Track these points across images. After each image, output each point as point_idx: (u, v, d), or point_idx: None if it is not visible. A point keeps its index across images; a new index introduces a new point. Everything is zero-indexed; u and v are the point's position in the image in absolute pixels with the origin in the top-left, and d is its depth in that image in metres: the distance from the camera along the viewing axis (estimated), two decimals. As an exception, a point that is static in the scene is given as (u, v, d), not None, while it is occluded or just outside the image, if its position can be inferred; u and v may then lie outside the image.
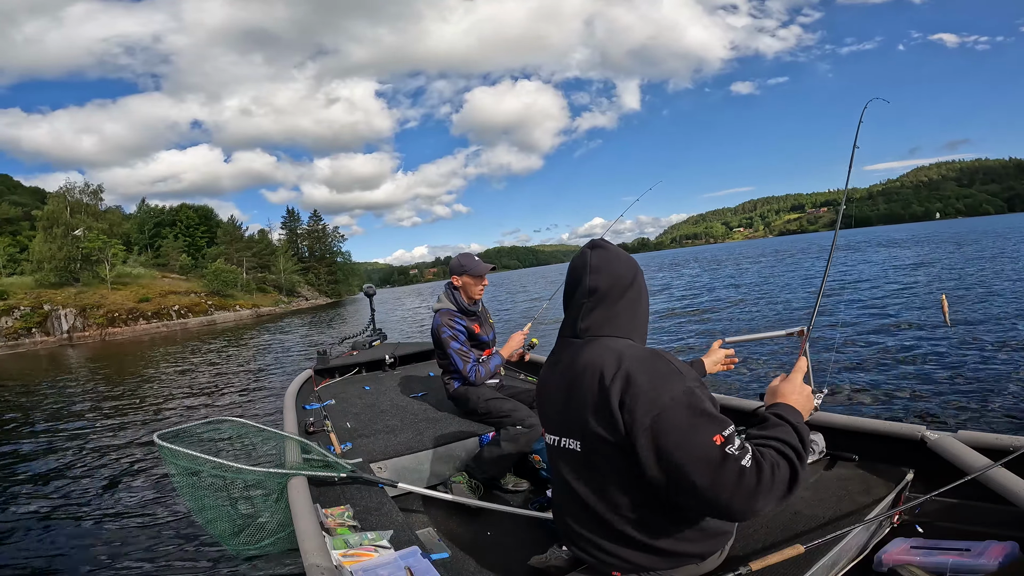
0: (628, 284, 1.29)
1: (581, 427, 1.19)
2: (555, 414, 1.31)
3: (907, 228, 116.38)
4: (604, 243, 1.34)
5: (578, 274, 1.30)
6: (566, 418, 1.25)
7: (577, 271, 1.31)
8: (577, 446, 1.21)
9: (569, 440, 1.23)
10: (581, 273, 1.29)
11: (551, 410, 1.33)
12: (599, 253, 1.30)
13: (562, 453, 1.27)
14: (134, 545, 3.53)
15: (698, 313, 13.00)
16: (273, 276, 64.89)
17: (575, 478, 1.24)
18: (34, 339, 36.40)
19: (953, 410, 4.51)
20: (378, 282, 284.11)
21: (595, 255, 1.30)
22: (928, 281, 12.94)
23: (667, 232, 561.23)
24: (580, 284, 1.29)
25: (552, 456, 1.34)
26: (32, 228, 49.28)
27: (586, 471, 1.22)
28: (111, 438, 6.67)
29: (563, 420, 1.26)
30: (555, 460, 1.32)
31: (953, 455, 1.66)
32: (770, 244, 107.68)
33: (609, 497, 1.19)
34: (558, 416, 1.29)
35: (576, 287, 1.30)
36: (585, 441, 1.19)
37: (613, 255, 1.30)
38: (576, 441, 1.21)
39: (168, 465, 2.09)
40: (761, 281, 20.03)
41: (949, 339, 6.94)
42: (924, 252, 24.38)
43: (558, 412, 1.29)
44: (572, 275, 1.33)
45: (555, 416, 1.31)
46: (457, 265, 3.08)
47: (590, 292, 1.27)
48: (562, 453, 1.27)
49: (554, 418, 1.31)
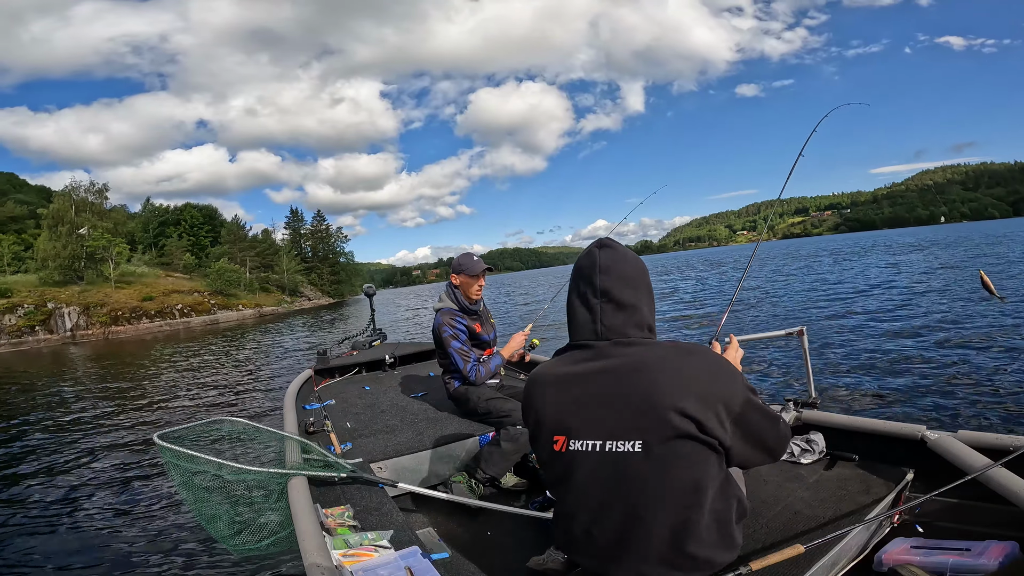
0: (640, 283, 1.28)
1: (648, 426, 1.14)
2: (595, 419, 1.20)
3: (911, 232, 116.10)
4: (612, 242, 1.31)
5: (587, 274, 1.27)
6: (619, 420, 1.17)
7: (586, 271, 1.27)
8: (636, 446, 1.14)
9: (621, 443, 1.16)
10: (591, 273, 1.26)
11: (585, 415, 1.21)
12: (608, 253, 1.27)
13: (608, 458, 1.18)
14: (134, 545, 3.54)
15: (695, 317, 12.99)
16: (276, 276, 65.06)
17: (623, 480, 1.17)
18: (37, 337, 36.50)
19: (953, 410, 4.50)
20: (381, 283, 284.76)
21: (604, 255, 1.27)
22: (929, 281, 12.89)
23: (670, 234, 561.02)
24: (592, 285, 1.25)
25: (580, 463, 1.21)
26: (37, 226, 49.46)
27: (645, 469, 1.15)
28: (111, 438, 6.70)
29: (615, 423, 1.17)
30: (587, 467, 1.20)
31: (953, 455, 1.66)
32: (775, 247, 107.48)
33: (664, 496, 1.15)
34: (603, 420, 1.19)
35: (587, 288, 1.26)
36: (650, 438, 1.14)
37: (621, 255, 1.28)
38: (635, 442, 1.15)
39: (168, 465, 2.09)
40: (759, 284, 20.00)
41: (949, 339, 6.92)
42: (926, 255, 24.30)
43: (601, 416, 1.19)
44: (581, 275, 1.29)
45: (594, 421, 1.20)
46: (456, 264, 3.10)
47: (603, 293, 1.24)
48: (608, 458, 1.18)
49: (593, 423, 1.20)
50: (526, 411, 1.35)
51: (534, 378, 1.34)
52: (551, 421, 1.25)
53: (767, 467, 2.00)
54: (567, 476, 1.24)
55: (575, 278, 1.31)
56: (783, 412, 2.21)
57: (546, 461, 1.29)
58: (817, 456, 2.01)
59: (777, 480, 1.88)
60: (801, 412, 2.21)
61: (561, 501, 1.29)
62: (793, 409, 2.22)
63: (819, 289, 14.39)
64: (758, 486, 1.83)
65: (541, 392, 1.29)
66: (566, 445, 1.22)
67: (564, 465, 1.23)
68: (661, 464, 1.14)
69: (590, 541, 1.23)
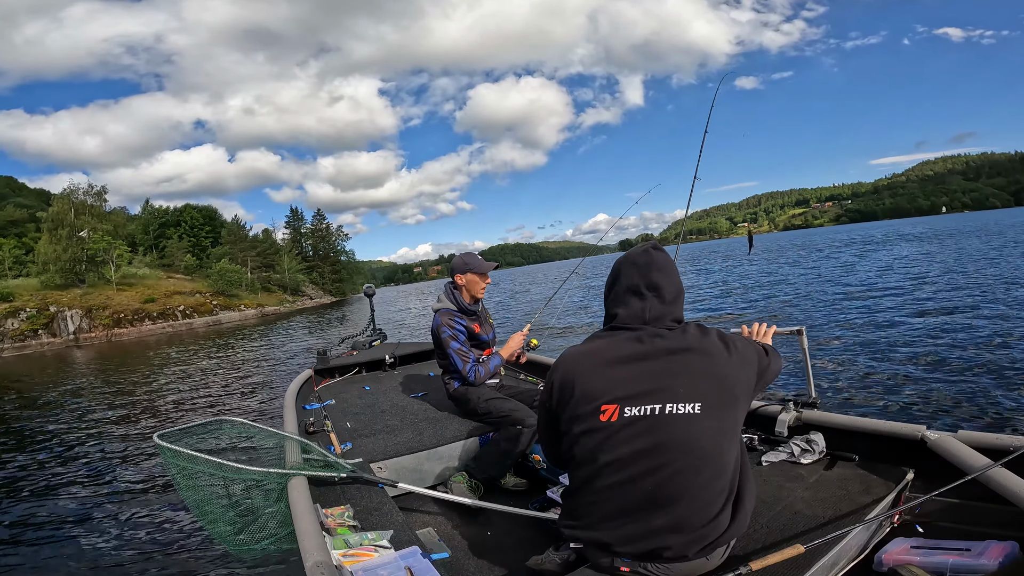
0: (679, 285, 1.50)
1: (705, 391, 1.33)
2: (651, 389, 1.35)
3: (912, 222, 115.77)
4: (661, 247, 1.53)
5: (645, 271, 1.46)
6: (676, 385, 1.34)
7: (643, 268, 1.46)
8: (696, 408, 1.32)
9: (683, 405, 1.32)
10: (648, 271, 1.45)
11: (640, 386, 1.35)
12: (661, 255, 1.49)
13: (664, 420, 1.32)
14: (135, 545, 3.56)
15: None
16: (277, 275, 65.09)
17: (684, 439, 1.32)
18: (40, 340, 36.59)
19: (953, 410, 4.49)
20: (382, 280, 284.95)
21: (659, 256, 1.48)
22: (929, 281, 12.84)
23: (671, 228, 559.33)
24: (647, 279, 1.45)
25: (630, 427, 1.34)
26: (38, 230, 49.54)
27: (703, 427, 1.32)
28: (112, 438, 6.73)
29: (672, 387, 1.34)
30: (639, 430, 1.33)
31: (953, 455, 1.65)
32: (774, 239, 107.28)
33: (715, 454, 1.33)
34: (660, 389, 1.34)
35: (640, 281, 1.45)
36: (708, 402, 1.33)
37: (669, 259, 1.51)
38: (695, 404, 1.32)
39: (168, 465, 2.09)
40: (755, 279, 19.96)
41: (950, 339, 6.90)
42: (926, 249, 24.21)
43: (659, 386, 1.34)
44: (637, 270, 1.47)
45: (651, 390, 1.35)
46: (460, 264, 3.06)
47: (655, 288, 1.44)
48: (664, 420, 1.32)
49: (649, 393, 1.35)
50: (562, 385, 1.43)
51: (575, 356, 1.46)
52: (600, 392, 1.37)
53: (767, 467, 2.00)
54: (610, 447, 1.34)
55: (628, 272, 1.48)
56: (783, 412, 2.21)
57: (584, 432, 1.38)
58: (817, 456, 2.00)
59: (777, 480, 1.88)
60: (801, 412, 2.20)
61: (596, 475, 1.37)
62: (793, 409, 2.21)
63: (819, 288, 14.34)
64: (758, 486, 1.82)
65: (585, 365, 1.42)
66: (618, 413, 1.34)
67: (610, 434, 1.35)
68: (720, 416, 1.34)
69: (629, 502, 1.34)
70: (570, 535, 1.44)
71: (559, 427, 1.46)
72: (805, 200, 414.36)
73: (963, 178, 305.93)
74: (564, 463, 1.50)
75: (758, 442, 2.22)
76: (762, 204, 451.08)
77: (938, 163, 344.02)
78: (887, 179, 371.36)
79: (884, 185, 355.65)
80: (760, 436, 2.23)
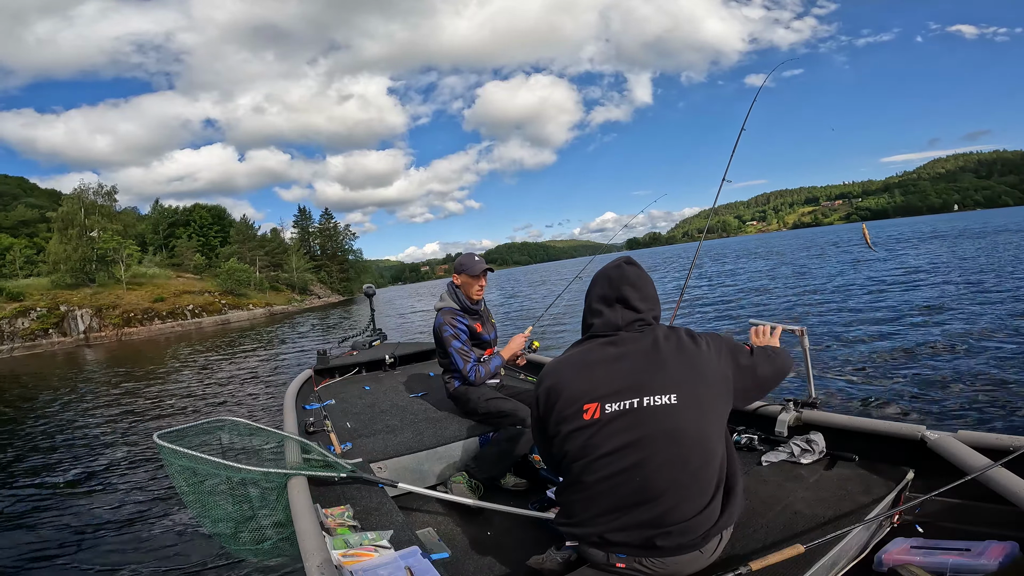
0: (651, 292, 1.57)
1: (679, 381, 1.40)
2: (627, 385, 1.41)
3: (924, 220, 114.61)
4: (633, 260, 1.60)
5: (616, 284, 1.53)
6: (651, 379, 1.40)
7: (614, 281, 1.54)
8: (672, 399, 1.37)
9: (659, 397, 1.38)
10: (619, 284, 1.53)
11: (617, 383, 1.42)
12: (633, 270, 1.56)
13: (644, 413, 1.37)
14: (135, 545, 3.58)
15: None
16: (286, 275, 65.49)
17: (667, 430, 1.36)
18: (51, 340, 36.99)
19: (953, 410, 4.45)
20: (390, 279, 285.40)
21: (631, 270, 1.56)
22: (930, 281, 12.69)
23: (679, 226, 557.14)
24: (617, 291, 1.52)
25: (615, 423, 1.39)
26: (48, 230, 50.10)
27: (683, 417, 1.37)
28: (114, 438, 6.80)
29: (648, 382, 1.40)
30: (623, 424, 1.38)
31: (953, 455, 1.65)
32: (783, 237, 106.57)
33: (699, 443, 1.37)
34: (637, 384, 1.40)
35: (611, 292, 1.53)
36: (683, 392, 1.39)
37: (640, 271, 1.58)
38: (671, 395, 1.38)
39: (168, 465, 2.10)
40: (757, 279, 19.84)
41: (950, 338, 6.83)
42: (930, 248, 23.90)
43: (634, 382, 1.41)
44: (609, 283, 1.55)
45: (627, 386, 1.40)
46: (458, 264, 3.11)
47: (624, 300, 1.52)
48: (644, 413, 1.37)
49: (626, 388, 1.40)
50: (548, 394, 1.50)
51: (556, 366, 1.53)
52: (581, 393, 1.44)
53: (767, 467, 2.00)
54: (597, 443, 1.40)
55: (602, 284, 1.56)
56: (783, 412, 2.21)
57: (571, 432, 1.43)
58: (817, 456, 1.99)
59: (777, 480, 1.87)
60: (801, 412, 2.20)
61: (586, 471, 1.41)
62: (793, 409, 2.20)
63: (819, 289, 14.22)
64: (758, 486, 1.82)
65: (567, 373, 1.49)
66: (600, 411, 1.40)
67: (595, 431, 1.41)
68: (700, 404, 1.39)
69: (620, 496, 1.38)
70: (566, 532, 1.47)
71: (548, 431, 1.51)
72: (815, 198, 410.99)
73: (975, 176, 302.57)
74: (558, 465, 1.53)
75: (758, 442, 2.22)
76: (771, 202, 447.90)
77: (950, 160, 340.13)
78: (898, 177, 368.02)
79: (895, 183, 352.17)
80: (760, 436, 2.23)
